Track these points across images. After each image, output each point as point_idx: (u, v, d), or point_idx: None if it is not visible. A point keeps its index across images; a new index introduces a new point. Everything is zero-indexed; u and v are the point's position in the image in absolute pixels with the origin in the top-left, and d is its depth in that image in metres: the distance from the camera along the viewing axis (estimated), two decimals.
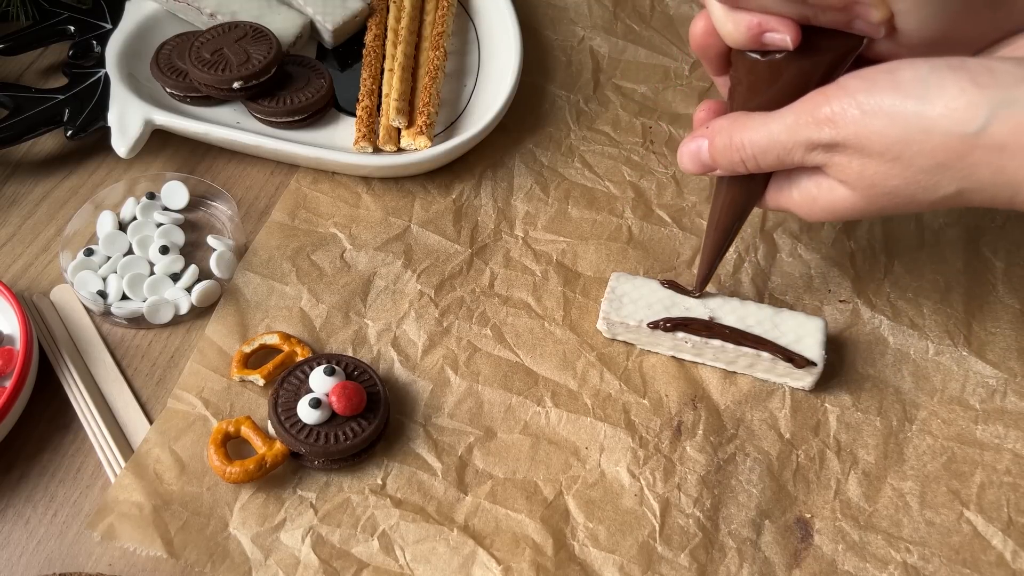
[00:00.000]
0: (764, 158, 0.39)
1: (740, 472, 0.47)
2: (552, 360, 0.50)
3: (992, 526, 0.45)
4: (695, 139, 0.41)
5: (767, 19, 0.37)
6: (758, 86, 0.39)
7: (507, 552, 0.44)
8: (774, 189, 0.42)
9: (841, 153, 0.36)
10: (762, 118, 0.38)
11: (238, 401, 0.48)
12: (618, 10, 0.67)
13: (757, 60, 0.39)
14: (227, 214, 0.55)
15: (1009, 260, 0.54)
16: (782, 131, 0.37)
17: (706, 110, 0.44)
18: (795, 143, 0.37)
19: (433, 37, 0.61)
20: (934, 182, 0.35)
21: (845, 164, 0.37)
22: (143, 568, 0.43)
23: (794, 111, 0.37)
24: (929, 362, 0.50)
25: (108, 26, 0.60)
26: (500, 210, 0.56)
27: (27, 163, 0.58)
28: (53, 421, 0.47)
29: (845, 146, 0.36)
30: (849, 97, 0.35)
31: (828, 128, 0.36)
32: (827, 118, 0.36)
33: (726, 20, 0.38)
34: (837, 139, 0.36)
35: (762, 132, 0.38)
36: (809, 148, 0.37)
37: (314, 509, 0.45)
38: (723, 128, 0.40)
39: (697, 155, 0.41)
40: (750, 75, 0.39)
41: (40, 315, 0.50)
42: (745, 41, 0.38)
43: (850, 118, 0.35)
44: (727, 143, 0.40)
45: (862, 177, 0.36)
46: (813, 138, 0.36)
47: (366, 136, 0.55)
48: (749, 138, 0.39)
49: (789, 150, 0.38)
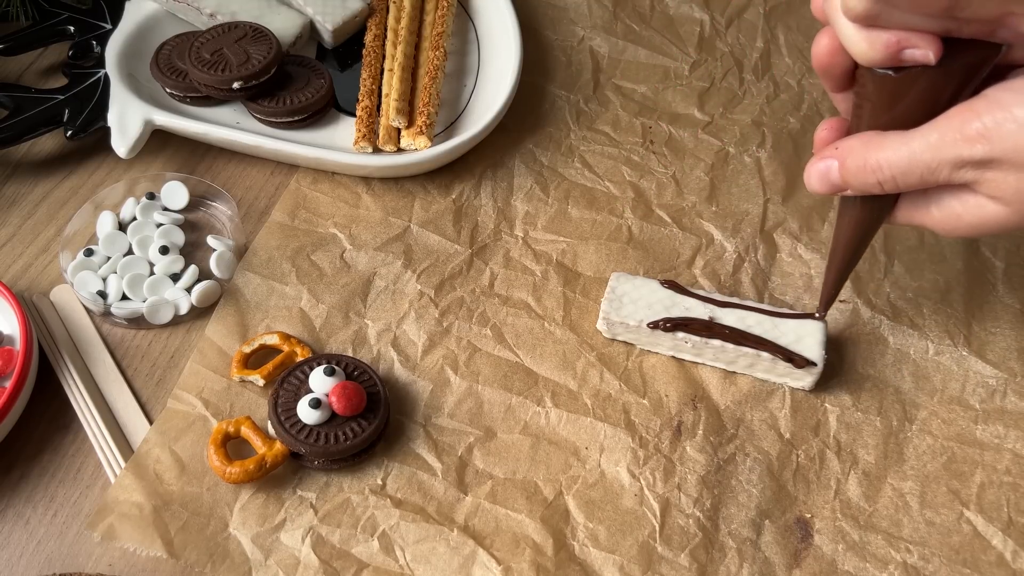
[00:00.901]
0: (905, 179, 0.37)
1: (740, 472, 0.47)
2: (552, 360, 0.50)
3: (992, 526, 0.45)
4: (823, 159, 0.40)
5: (907, 36, 0.35)
6: (888, 102, 0.37)
7: (507, 552, 0.44)
8: (907, 206, 0.40)
9: (996, 169, 0.35)
10: (900, 137, 0.37)
11: (238, 401, 0.48)
12: (618, 10, 0.67)
13: (888, 76, 0.37)
14: (227, 214, 0.55)
15: (1009, 260, 0.54)
16: (925, 150, 0.36)
17: (829, 129, 0.42)
18: (941, 162, 0.36)
19: (433, 37, 0.61)
20: None
21: (1000, 180, 0.35)
22: (143, 568, 0.43)
23: (938, 128, 0.35)
24: (929, 362, 0.50)
25: (108, 26, 0.60)
26: (500, 210, 0.56)
27: (27, 163, 0.58)
28: (53, 421, 0.47)
29: (1000, 161, 0.34)
30: (1003, 111, 0.34)
31: (981, 144, 0.34)
32: (979, 134, 0.34)
33: (859, 40, 0.36)
34: (991, 155, 0.34)
35: (902, 152, 0.36)
36: (957, 166, 0.35)
37: (314, 509, 0.45)
38: (855, 149, 0.38)
39: (826, 176, 0.40)
40: (879, 92, 0.37)
41: (40, 315, 0.50)
42: (882, 59, 0.36)
43: (1006, 132, 0.34)
44: (862, 165, 0.38)
45: (1019, 192, 0.35)
46: (964, 155, 0.35)
47: (366, 136, 0.55)
48: (887, 158, 0.37)
49: (934, 169, 0.36)
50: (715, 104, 0.62)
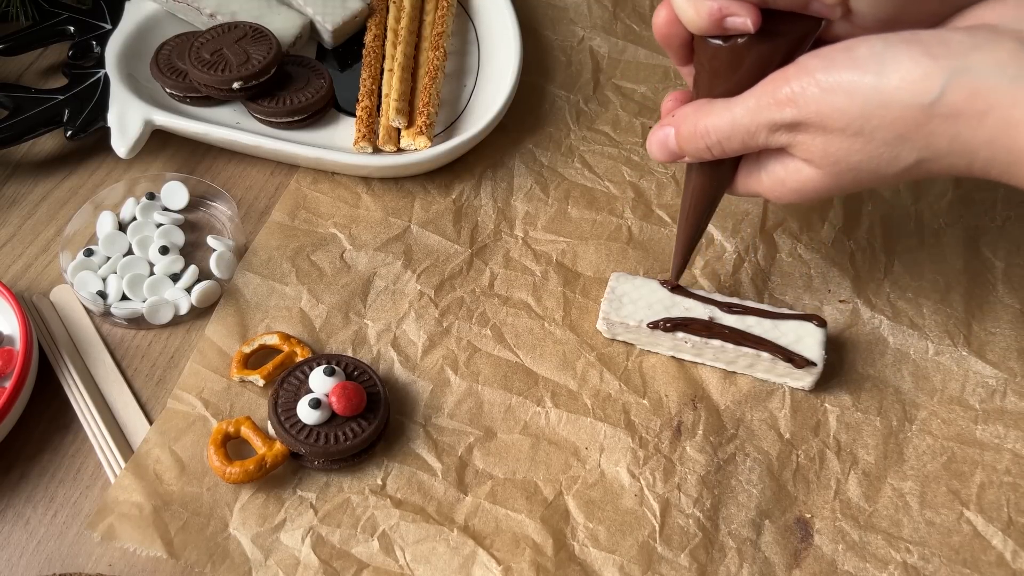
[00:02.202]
0: (729, 143, 0.39)
1: (740, 472, 0.47)
2: (552, 360, 0.50)
3: (992, 526, 0.45)
4: (662, 127, 0.42)
5: (727, 4, 0.37)
6: (721, 72, 0.40)
7: (507, 552, 0.44)
8: (743, 174, 0.43)
9: (804, 132, 0.37)
10: (725, 103, 0.39)
11: (238, 401, 0.48)
12: (618, 10, 0.67)
13: (719, 46, 0.39)
14: (227, 214, 0.55)
15: (1009, 260, 0.54)
16: (744, 114, 0.38)
17: (673, 99, 0.44)
18: (758, 125, 0.38)
19: (433, 37, 0.61)
20: (895, 154, 0.36)
21: (809, 143, 0.37)
22: (143, 568, 0.43)
23: (755, 94, 0.38)
24: (929, 362, 0.50)
25: (108, 26, 0.60)
26: (500, 210, 0.56)
27: (27, 163, 0.58)
28: (53, 421, 0.47)
29: (807, 125, 0.37)
30: (808, 76, 0.36)
31: (790, 108, 0.36)
32: (788, 98, 0.36)
33: (687, 7, 0.38)
34: (799, 118, 0.36)
35: (725, 117, 0.39)
36: (772, 129, 0.38)
37: (314, 509, 0.45)
38: (688, 115, 0.41)
39: (665, 143, 0.42)
40: (713, 61, 0.40)
41: (40, 315, 0.50)
42: (707, 26, 0.38)
43: (810, 96, 0.36)
44: (692, 130, 0.40)
45: (826, 154, 0.37)
46: (776, 119, 0.37)
47: (366, 136, 0.55)
48: (713, 123, 0.39)
49: (753, 133, 0.38)
50: None
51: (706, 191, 0.44)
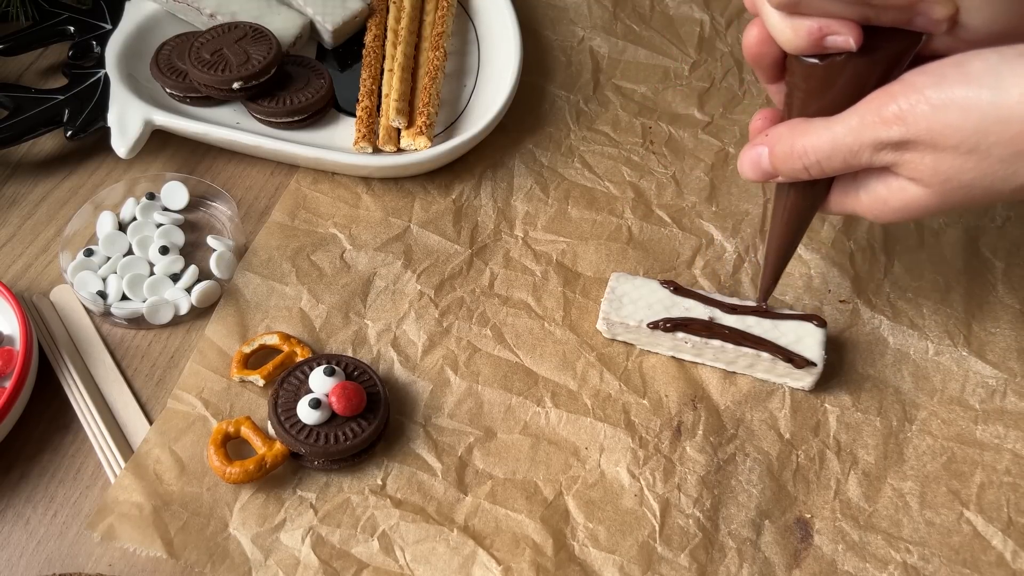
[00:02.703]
0: (829, 163, 0.38)
1: (740, 472, 0.47)
2: (552, 360, 0.50)
3: (992, 526, 0.45)
4: (754, 147, 0.41)
5: (828, 22, 0.36)
6: (816, 90, 0.39)
7: (507, 552, 0.44)
8: (838, 193, 0.41)
9: (912, 151, 0.36)
10: (824, 123, 0.38)
11: (238, 401, 0.48)
12: (618, 10, 0.67)
13: (815, 64, 0.38)
14: (227, 214, 0.55)
15: (1009, 260, 0.54)
16: (847, 133, 0.37)
17: (763, 118, 0.43)
18: (862, 144, 0.37)
19: (433, 37, 0.61)
20: (1012, 171, 0.34)
21: (917, 161, 0.36)
22: (143, 568, 0.43)
23: (858, 112, 0.37)
24: (929, 362, 0.50)
25: (108, 26, 0.60)
26: (500, 210, 0.56)
27: (27, 163, 0.58)
28: (53, 421, 0.47)
29: (916, 143, 0.35)
30: (917, 93, 0.35)
31: (897, 126, 0.35)
32: (895, 116, 0.35)
33: (784, 27, 0.37)
34: (907, 136, 0.35)
35: (825, 136, 0.38)
36: (877, 148, 0.36)
37: (314, 509, 0.45)
38: (783, 135, 0.39)
39: (758, 163, 0.41)
40: (807, 80, 0.39)
41: (40, 315, 0.50)
42: (805, 46, 0.37)
43: (920, 114, 0.35)
44: (788, 150, 0.39)
45: (936, 173, 0.36)
46: (881, 137, 0.36)
47: (366, 136, 0.55)
48: (812, 143, 0.38)
49: (856, 152, 0.37)
50: (715, 104, 0.62)
51: (798, 211, 0.43)
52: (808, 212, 0.43)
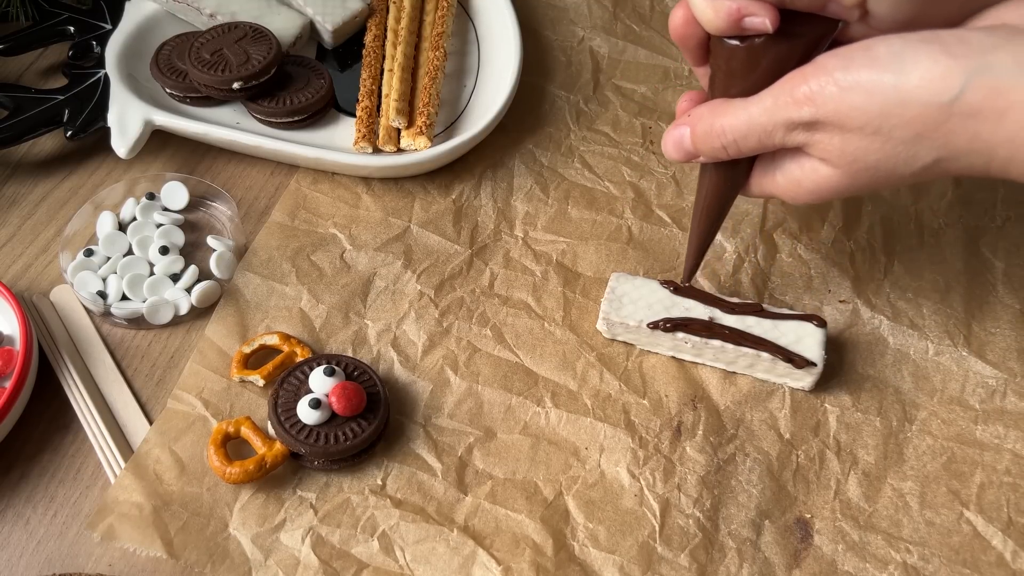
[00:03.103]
0: (745, 142, 0.40)
1: (740, 472, 0.47)
2: (552, 360, 0.50)
3: (992, 526, 0.45)
4: (677, 127, 0.42)
5: (746, 4, 0.38)
6: (737, 72, 0.40)
7: (507, 552, 0.44)
8: (758, 174, 0.43)
9: (821, 131, 0.37)
10: (741, 103, 0.39)
11: (238, 401, 0.48)
12: (618, 10, 0.67)
13: (736, 47, 0.39)
14: (227, 214, 0.55)
15: (1009, 260, 0.54)
16: (761, 113, 0.38)
17: (688, 100, 0.44)
18: (775, 124, 0.38)
19: (433, 37, 0.61)
20: (912, 153, 0.36)
21: (826, 142, 0.37)
22: (143, 568, 0.43)
23: (772, 93, 0.38)
24: (929, 362, 0.50)
25: (108, 26, 0.60)
26: (500, 210, 0.56)
27: (27, 163, 0.58)
28: (53, 421, 0.47)
29: (825, 123, 0.37)
30: (827, 75, 0.36)
31: (807, 107, 0.36)
32: (806, 97, 0.36)
33: (706, 7, 0.39)
34: (817, 117, 0.36)
35: (742, 116, 0.39)
36: (789, 128, 0.38)
37: (314, 509, 0.45)
38: (703, 115, 0.41)
39: (680, 142, 0.42)
40: (729, 62, 0.40)
41: (40, 315, 0.50)
42: (725, 27, 0.38)
43: (828, 95, 0.36)
44: (708, 129, 0.40)
45: (843, 153, 0.37)
46: (793, 117, 0.37)
47: (366, 136, 0.55)
48: (729, 123, 0.39)
49: (769, 132, 0.38)
50: None
51: (720, 192, 0.44)
52: (729, 193, 0.44)
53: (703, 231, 0.47)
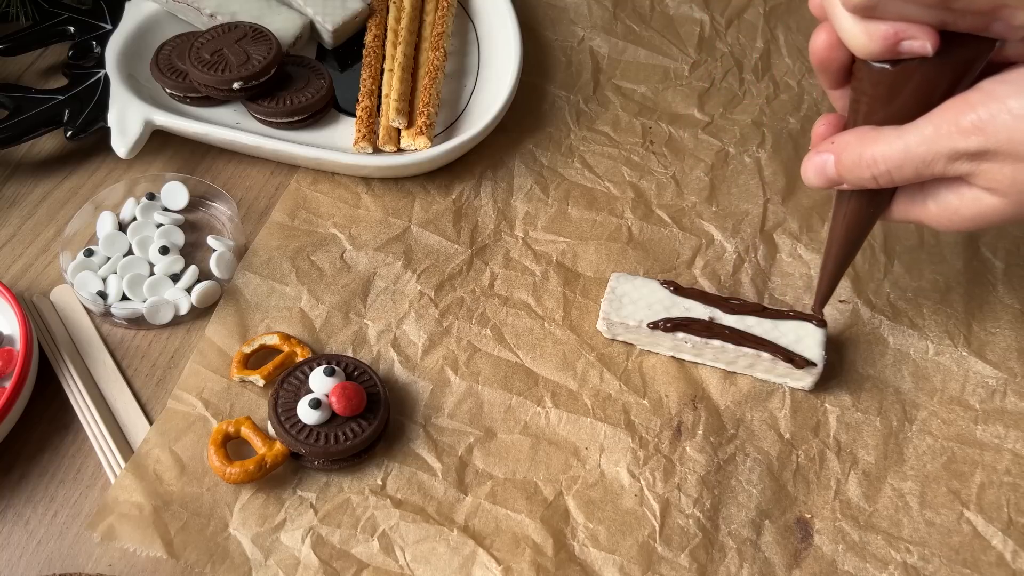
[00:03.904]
0: (900, 172, 0.37)
1: (740, 472, 0.47)
2: (552, 360, 0.50)
3: (992, 526, 0.45)
4: (820, 153, 0.40)
5: (904, 27, 0.35)
6: (884, 97, 0.38)
7: (507, 552, 0.44)
8: (904, 201, 0.41)
9: (991, 161, 0.35)
10: (895, 132, 0.37)
11: (238, 402, 0.48)
12: (618, 10, 0.67)
13: (885, 70, 0.37)
14: (227, 214, 0.55)
15: (1009, 260, 0.54)
16: (920, 143, 0.36)
17: (826, 124, 0.42)
18: (936, 155, 0.36)
19: (433, 37, 0.61)
20: None
21: (996, 171, 0.35)
22: (143, 568, 0.43)
23: (933, 121, 0.36)
24: (929, 362, 0.50)
25: (108, 26, 0.60)
26: (500, 210, 0.56)
27: (27, 163, 0.58)
28: (53, 421, 0.47)
29: (996, 153, 0.35)
30: (998, 102, 0.34)
31: (976, 136, 0.35)
32: (974, 126, 0.35)
33: (858, 31, 0.36)
34: (987, 147, 0.35)
35: (897, 146, 0.37)
36: (952, 159, 0.36)
37: (314, 509, 0.45)
38: (851, 143, 0.39)
39: (823, 170, 0.40)
40: (876, 86, 0.38)
41: (40, 315, 0.50)
42: (880, 51, 0.36)
43: (1001, 124, 0.34)
44: (856, 159, 0.38)
45: (1015, 183, 0.35)
46: (959, 148, 0.35)
47: (366, 136, 0.55)
48: (882, 153, 0.37)
49: (929, 163, 0.36)
50: (715, 104, 0.62)
51: (860, 219, 0.42)
52: (870, 220, 0.42)
53: (841, 258, 0.44)
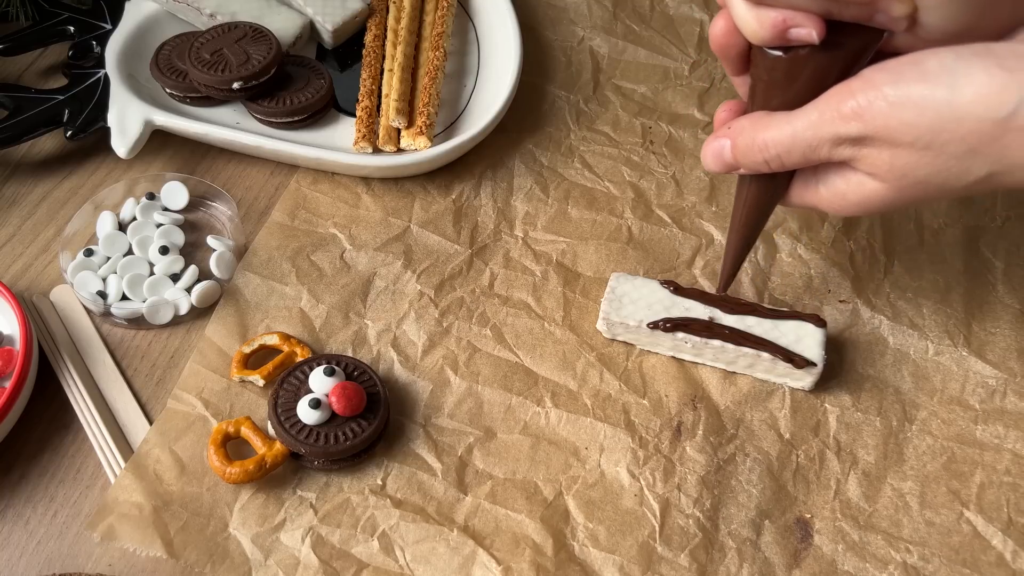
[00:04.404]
0: (788, 156, 0.39)
1: (740, 472, 0.47)
2: (552, 360, 0.50)
3: (992, 526, 0.45)
4: (717, 139, 0.41)
5: (792, 14, 0.37)
6: (778, 84, 0.39)
7: (507, 552, 0.44)
8: (799, 186, 0.42)
9: (870, 146, 0.36)
10: (785, 117, 0.38)
11: (238, 401, 0.48)
12: (618, 10, 0.67)
13: (778, 57, 0.38)
14: (227, 214, 0.55)
15: (1009, 260, 0.54)
16: (807, 128, 0.37)
17: (727, 110, 0.43)
18: (821, 139, 0.37)
19: (433, 37, 0.61)
20: (965, 168, 0.35)
21: (874, 157, 0.37)
22: (143, 568, 0.43)
23: (818, 107, 0.37)
24: (929, 362, 0.50)
25: (108, 26, 0.60)
26: (500, 210, 0.56)
27: (27, 163, 0.58)
28: (53, 421, 0.47)
29: (874, 139, 0.36)
30: (875, 90, 0.35)
31: (855, 122, 0.36)
32: (853, 112, 0.36)
33: (750, 17, 0.38)
34: (865, 132, 0.36)
35: (786, 130, 0.38)
36: (836, 143, 0.37)
37: (314, 509, 0.45)
38: (745, 128, 0.40)
39: (720, 155, 0.41)
40: (771, 73, 0.39)
41: (40, 315, 0.50)
42: (770, 37, 0.38)
43: (878, 110, 0.35)
44: (750, 143, 0.40)
45: (892, 168, 0.36)
46: (840, 133, 0.37)
47: (366, 136, 0.55)
48: (772, 137, 0.39)
49: (815, 147, 0.38)
50: (715, 104, 0.62)
51: (759, 203, 0.44)
52: (768, 205, 0.44)
53: (741, 241, 0.46)
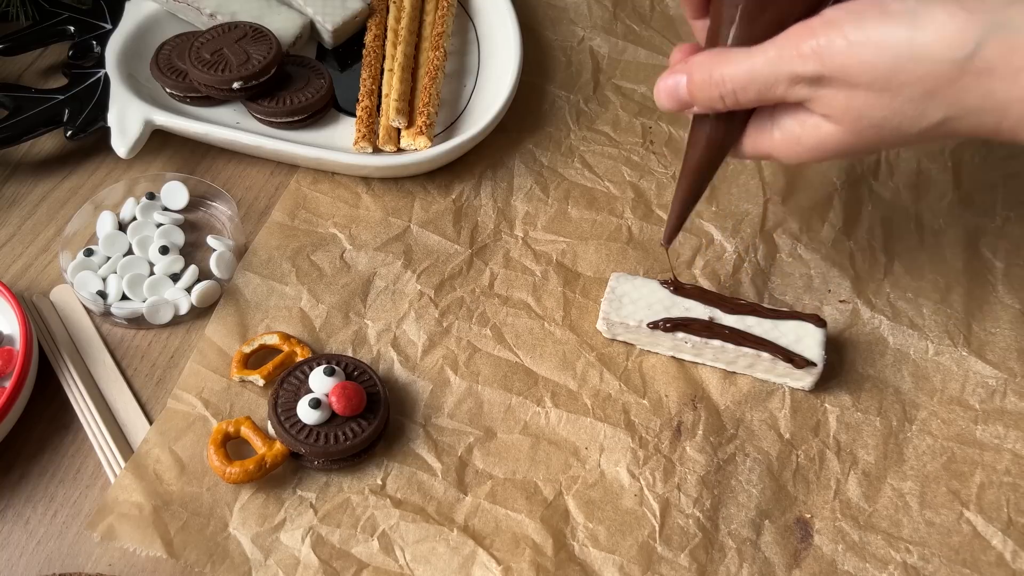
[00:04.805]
0: (744, 93, 0.38)
1: (740, 472, 0.47)
2: (552, 360, 0.50)
3: (992, 526, 0.45)
4: (673, 75, 0.41)
5: None
6: (739, 22, 0.39)
7: (507, 552, 0.44)
8: (754, 132, 0.41)
9: (827, 86, 0.36)
10: (744, 52, 0.38)
11: (238, 401, 0.48)
12: (618, 10, 0.67)
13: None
14: (227, 214, 0.55)
15: (1009, 260, 0.54)
16: (764, 65, 0.37)
17: (682, 51, 0.43)
18: (777, 77, 0.37)
19: (433, 37, 0.61)
20: (920, 111, 0.35)
21: (831, 97, 0.36)
22: (143, 568, 0.43)
23: (777, 45, 0.37)
24: (929, 362, 0.50)
25: (108, 26, 0.60)
26: (500, 210, 0.56)
27: (27, 163, 0.58)
28: (53, 421, 0.47)
29: (831, 79, 0.36)
30: (835, 29, 0.35)
31: (813, 61, 0.36)
32: (812, 51, 0.36)
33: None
34: (823, 72, 0.36)
35: (744, 66, 0.38)
36: (793, 82, 0.37)
37: (314, 509, 0.45)
38: (702, 63, 0.39)
39: (675, 91, 0.41)
40: (731, 11, 0.39)
41: (40, 315, 0.50)
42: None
43: (836, 50, 0.35)
44: (706, 78, 0.39)
45: (848, 110, 0.36)
46: (797, 71, 0.36)
47: (366, 136, 0.55)
48: (730, 72, 0.38)
49: (771, 84, 0.37)
50: None
51: (712, 146, 0.42)
52: (721, 150, 0.43)
53: (689, 190, 0.45)
